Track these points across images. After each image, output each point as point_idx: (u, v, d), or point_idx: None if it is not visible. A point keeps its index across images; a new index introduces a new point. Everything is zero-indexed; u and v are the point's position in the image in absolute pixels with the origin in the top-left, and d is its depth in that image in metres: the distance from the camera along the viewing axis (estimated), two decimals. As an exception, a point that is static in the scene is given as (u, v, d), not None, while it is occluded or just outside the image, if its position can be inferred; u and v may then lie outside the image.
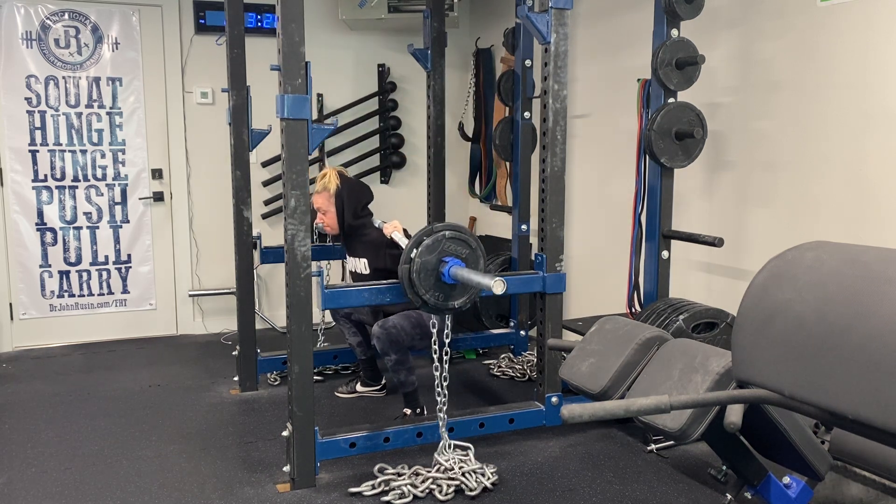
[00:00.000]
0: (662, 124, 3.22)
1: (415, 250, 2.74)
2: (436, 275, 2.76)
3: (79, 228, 4.92)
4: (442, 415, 2.91)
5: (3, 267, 4.78)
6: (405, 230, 3.27)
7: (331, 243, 4.34)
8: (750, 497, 1.96)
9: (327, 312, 4.48)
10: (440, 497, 2.72)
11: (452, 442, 2.93)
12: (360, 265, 3.58)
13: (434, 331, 2.97)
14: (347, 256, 3.68)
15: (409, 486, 2.75)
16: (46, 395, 3.94)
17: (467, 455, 2.89)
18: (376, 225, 3.46)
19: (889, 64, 2.73)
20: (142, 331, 5.12)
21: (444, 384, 2.93)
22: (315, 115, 5.20)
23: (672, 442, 3.08)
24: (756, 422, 1.75)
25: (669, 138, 3.24)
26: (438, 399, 2.92)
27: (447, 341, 2.94)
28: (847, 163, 2.91)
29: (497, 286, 2.53)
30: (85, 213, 4.93)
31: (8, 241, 4.79)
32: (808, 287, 1.28)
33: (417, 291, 2.76)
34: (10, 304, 4.82)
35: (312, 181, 5.27)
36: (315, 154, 5.26)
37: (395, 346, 3.31)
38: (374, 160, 5.53)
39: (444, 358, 2.94)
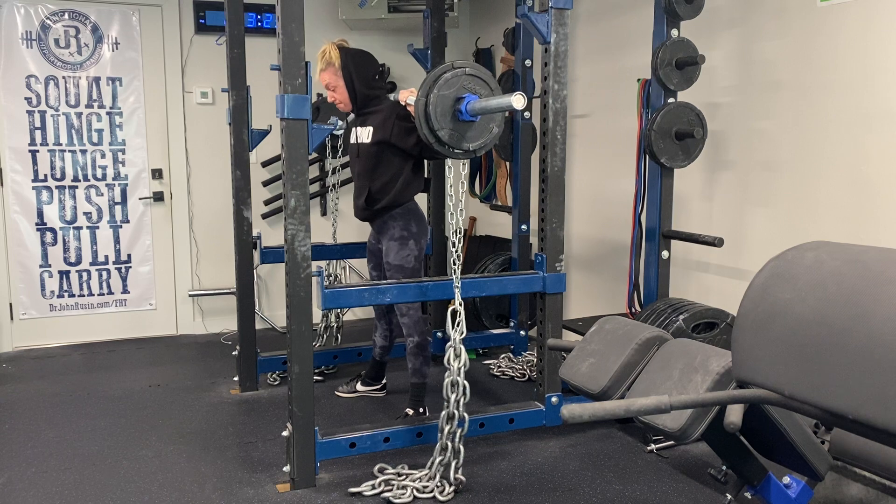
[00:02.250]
0: (662, 124, 3.22)
1: (434, 84, 2.63)
2: (453, 111, 2.68)
3: (79, 228, 4.92)
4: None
5: (3, 267, 4.78)
6: None
7: (331, 243, 4.33)
8: (750, 497, 1.96)
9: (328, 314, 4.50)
10: (440, 497, 2.72)
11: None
12: (364, 133, 3.35)
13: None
14: (354, 128, 3.48)
15: (409, 486, 2.75)
16: (46, 395, 3.94)
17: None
18: (392, 98, 3.33)
19: (889, 64, 2.73)
20: (142, 331, 5.12)
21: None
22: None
23: (672, 442, 3.08)
24: (756, 422, 1.75)
25: (669, 138, 3.24)
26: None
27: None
28: (847, 163, 2.91)
29: (517, 101, 2.43)
30: (85, 213, 4.93)
31: (8, 241, 4.79)
32: (809, 287, 1.28)
33: (433, 127, 2.66)
34: (10, 304, 4.82)
35: (313, 181, 5.27)
36: (315, 154, 5.26)
37: (418, 326, 3.36)
38: (374, 160, 5.53)
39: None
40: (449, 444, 2.79)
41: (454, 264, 2.88)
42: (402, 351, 3.55)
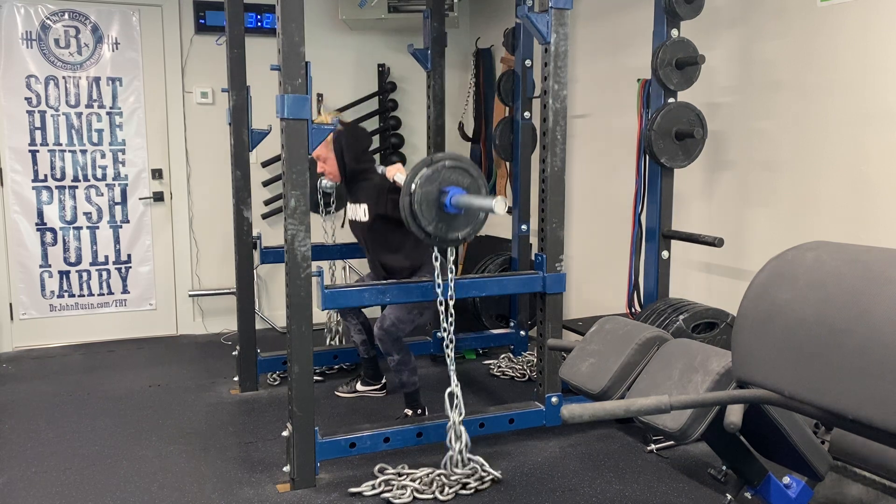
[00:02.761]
0: (662, 124, 3.22)
1: (415, 181, 2.67)
2: (438, 205, 2.69)
3: (79, 228, 4.92)
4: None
5: (3, 267, 4.78)
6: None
7: (332, 241, 4.34)
8: (750, 497, 1.96)
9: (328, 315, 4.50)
10: (441, 497, 2.72)
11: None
12: (360, 211, 3.45)
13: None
14: (349, 203, 3.56)
15: (409, 486, 2.75)
16: (46, 395, 3.94)
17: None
18: (379, 171, 3.38)
19: (889, 64, 2.73)
20: (142, 331, 5.12)
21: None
22: (315, 116, 5.20)
23: (672, 442, 3.08)
24: (756, 422, 1.75)
25: (669, 138, 3.24)
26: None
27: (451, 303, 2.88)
28: (847, 163, 2.91)
29: (498, 206, 2.46)
30: (85, 213, 4.93)
31: (8, 241, 4.79)
32: (809, 287, 1.28)
33: (420, 223, 2.68)
34: (10, 304, 4.82)
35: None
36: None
37: (397, 345, 3.31)
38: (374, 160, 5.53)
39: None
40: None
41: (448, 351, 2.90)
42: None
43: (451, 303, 2.89)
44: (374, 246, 3.48)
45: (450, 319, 2.88)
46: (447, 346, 2.88)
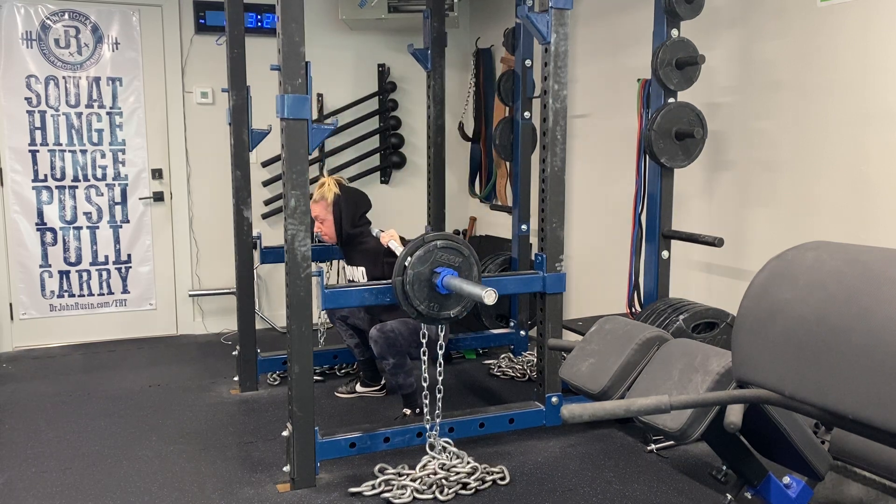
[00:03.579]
0: (662, 124, 3.22)
1: (408, 261, 2.74)
2: (429, 285, 2.76)
3: (79, 228, 4.92)
4: (437, 422, 2.92)
5: (3, 267, 4.78)
6: (402, 238, 3.28)
7: (332, 245, 4.34)
8: (750, 497, 1.96)
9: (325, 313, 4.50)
10: (441, 497, 2.72)
11: (444, 443, 2.93)
12: (358, 274, 3.59)
13: (424, 341, 2.97)
14: (346, 266, 3.70)
15: (409, 486, 2.75)
16: (46, 395, 3.94)
17: (461, 459, 2.89)
18: (374, 234, 3.47)
19: (889, 64, 2.73)
20: (142, 331, 5.12)
21: (440, 395, 2.93)
22: (315, 115, 5.20)
23: (672, 442, 3.08)
24: (756, 422, 1.75)
25: (669, 138, 3.24)
26: (432, 404, 2.93)
27: (441, 352, 2.93)
28: (847, 163, 2.91)
29: (488, 297, 2.52)
30: (85, 213, 4.93)
31: (8, 241, 4.79)
32: (809, 287, 1.28)
33: (412, 303, 2.75)
34: (10, 304, 4.82)
35: (312, 181, 5.28)
36: (315, 154, 5.26)
37: (393, 349, 3.30)
38: (374, 160, 5.53)
39: (439, 369, 2.93)
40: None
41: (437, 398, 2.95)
42: None
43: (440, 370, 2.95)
44: (374, 307, 3.54)
45: (437, 403, 2.95)
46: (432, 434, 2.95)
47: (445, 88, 4.47)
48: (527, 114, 4.32)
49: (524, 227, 4.37)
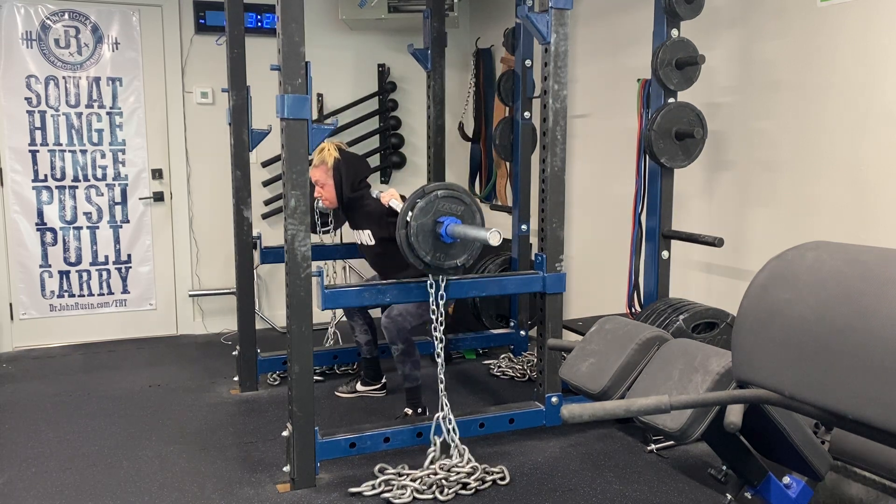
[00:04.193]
0: (662, 124, 3.22)
1: (410, 213, 2.74)
2: (434, 235, 2.76)
3: (79, 228, 4.92)
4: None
5: (3, 267, 4.78)
6: (402, 196, 3.27)
7: (331, 243, 4.34)
8: (750, 497, 1.96)
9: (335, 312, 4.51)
10: (441, 497, 2.72)
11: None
12: (365, 237, 3.58)
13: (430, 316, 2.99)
14: (351, 230, 3.68)
15: (409, 486, 2.75)
16: (46, 395, 3.94)
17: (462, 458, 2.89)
18: (374, 196, 3.47)
19: (889, 64, 2.73)
20: (142, 331, 5.12)
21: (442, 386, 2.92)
22: (315, 115, 5.20)
23: (672, 442, 3.08)
24: (756, 422, 1.75)
25: (669, 138, 3.24)
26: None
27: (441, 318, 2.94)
28: (847, 163, 2.91)
29: (493, 238, 2.52)
30: (85, 213, 4.93)
31: (8, 241, 4.79)
32: (809, 287, 1.28)
33: (417, 254, 2.75)
34: (10, 304, 4.82)
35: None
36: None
37: (402, 334, 3.35)
38: (374, 160, 5.53)
39: (441, 356, 2.93)
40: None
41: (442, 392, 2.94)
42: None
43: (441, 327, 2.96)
44: (383, 266, 3.60)
45: (441, 346, 2.95)
46: (439, 357, 2.95)
47: (445, 88, 4.47)
48: (527, 114, 4.32)
49: (524, 227, 4.37)
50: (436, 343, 2.94)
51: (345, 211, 3.65)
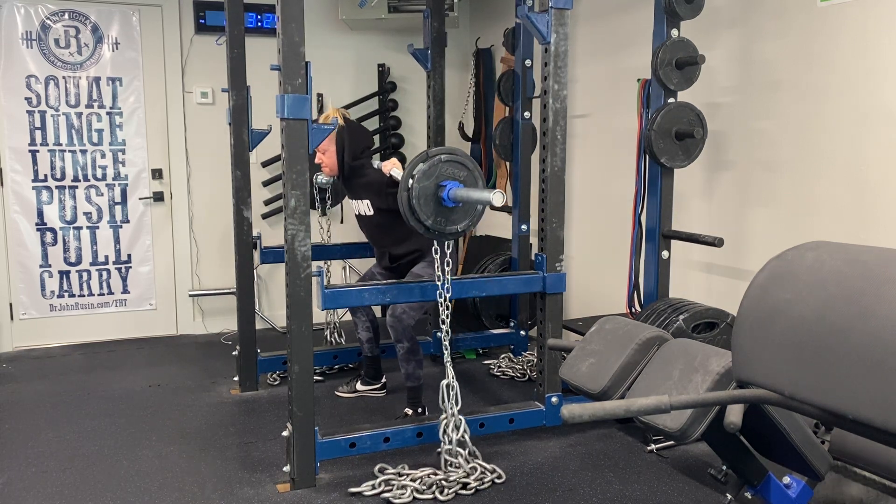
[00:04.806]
0: (662, 124, 3.22)
1: (413, 177, 2.71)
2: (436, 199, 2.74)
3: (79, 228, 4.92)
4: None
5: (3, 267, 4.78)
6: (404, 166, 3.26)
7: (329, 239, 4.34)
8: (750, 497, 1.96)
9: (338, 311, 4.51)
10: (441, 497, 2.72)
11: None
12: (364, 207, 3.55)
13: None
14: (350, 200, 3.65)
15: (409, 486, 2.75)
16: (46, 395, 3.94)
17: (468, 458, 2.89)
18: (375, 166, 3.45)
19: (889, 64, 2.73)
20: (142, 331, 5.12)
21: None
22: (315, 115, 5.20)
23: (672, 442, 3.08)
24: (756, 422, 1.75)
25: (669, 138, 3.24)
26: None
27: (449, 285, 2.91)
28: (847, 163, 2.91)
29: (496, 198, 2.51)
30: (85, 213, 4.93)
31: (8, 241, 4.79)
32: (809, 287, 1.28)
33: (419, 217, 2.72)
34: (10, 304, 4.82)
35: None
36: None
37: (407, 332, 3.36)
38: (374, 160, 5.53)
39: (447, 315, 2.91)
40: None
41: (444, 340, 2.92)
42: (395, 353, 3.56)
43: (449, 296, 2.92)
44: (380, 238, 3.58)
45: (447, 313, 2.90)
46: (445, 344, 2.92)
47: (445, 88, 4.47)
48: (527, 114, 4.32)
49: (524, 227, 4.37)
50: (441, 310, 2.89)
51: (345, 180, 3.59)
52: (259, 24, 5.10)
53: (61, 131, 4.83)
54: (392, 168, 3.26)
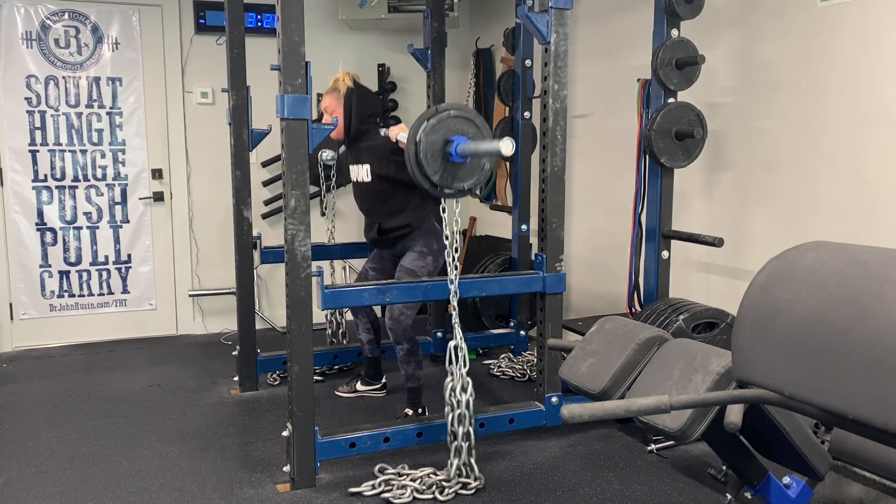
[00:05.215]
0: (662, 124, 3.22)
1: (421, 130, 2.66)
2: (443, 155, 2.69)
3: (79, 228, 4.92)
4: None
5: (3, 267, 4.78)
6: None
7: (330, 243, 4.34)
8: (750, 497, 1.96)
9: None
10: (441, 497, 2.72)
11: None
12: (363, 172, 3.48)
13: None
14: (351, 165, 3.58)
15: (409, 486, 2.75)
16: (46, 395, 3.94)
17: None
18: (382, 133, 3.41)
19: (889, 64, 2.73)
20: (142, 331, 5.12)
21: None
22: (315, 115, 5.20)
23: (672, 442, 3.08)
24: (756, 422, 1.75)
25: (669, 138, 3.24)
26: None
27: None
28: (847, 163, 2.91)
29: (505, 147, 2.46)
30: (85, 213, 4.93)
31: (8, 241, 4.79)
32: (809, 287, 1.28)
33: (425, 173, 2.68)
34: (10, 304, 4.82)
35: (313, 182, 5.27)
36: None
37: (406, 333, 3.35)
38: (374, 160, 5.53)
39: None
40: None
41: (452, 303, 2.88)
42: (395, 353, 3.56)
43: (458, 254, 2.88)
44: (373, 207, 3.50)
45: (456, 270, 2.87)
46: (453, 290, 2.86)
47: (445, 88, 4.46)
48: (527, 114, 4.32)
49: (524, 227, 4.37)
50: (449, 269, 2.85)
51: (349, 143, 3.53)
52: (259, 24, 5.10)
53: (61, 131, 4.83)
54: (399, 132, 3.20)
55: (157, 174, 5.05)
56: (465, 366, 2.81)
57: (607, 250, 4.28)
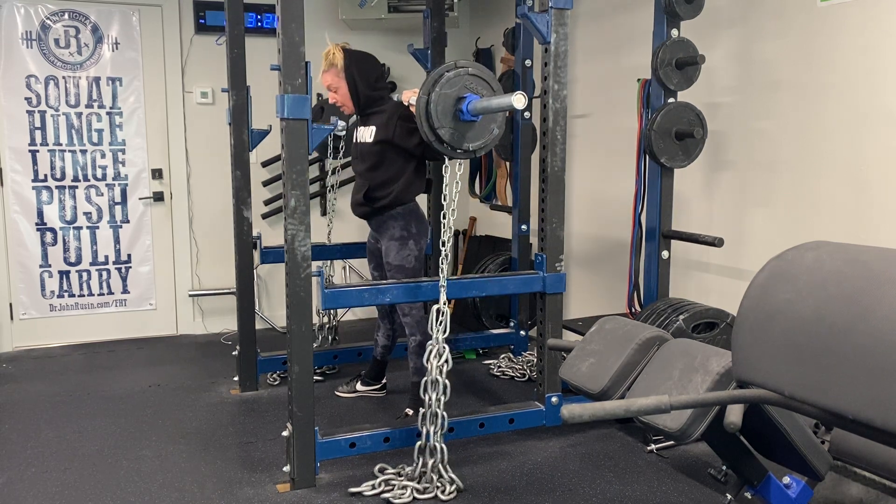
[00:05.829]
0: (662, 124, 3.22)
1: (437, 83, 2.62)
2: (454, 111, 2.67)
3: (79, 228, 4.92)
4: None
5: (3, 267, 4.78)
6: None
7: (330, 244, 4.33)
8: (750, 497, 1.96)
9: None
10: (441, 497, 2.72)
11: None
12: (367, 133, 3.37)
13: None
14: (358, 127, 3.50)
15: (409, 486, 2.75)
16: (46, 395, 3.94)
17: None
18: (395, 98, 3.35)
19: (889, 64, 2.73)
20: (142, 331, 5.12)
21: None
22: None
23: (672, 442, 3.08)
24: (756, 422, 1.75)
25: (669, 138, 3.24)
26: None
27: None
28: (847, 163, 2.91)
29: (517, 101, 2.43)
30: (85, 213, 4.93)
31: (8, 241, 4.79)
32: (809, 287, 1.28)
33: (433, 125, 2.65)
34: (10, 304, 4.82)
35: (313, 181, 5.27)
36: (315, 154, 5.26)
37: (421, 325, 3.35)
38: (374, 160, 5.53)
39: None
40: (437, 444, 2.79)
41: (442, 263, 2.83)
42: (403, 351, 3.56)
43: (453, 218, 2.82)
44: (367, 170, 3.38)
45: (449, 233, 2.81)
46: (442, 264, 2.82)
47: (445, 88, 4.46)
48: (527, 114, 4.32)
49: (524, 227, 4.37)
50: (444, 231, 2.80)
51: (361, 111, 3.43)
52: (259, 24, 5.10)
53: (61, 131, 4.83)
54: (412, 96, 3.12)
55: (157, 174, 5.05)
56: (446, 331, 2.77)
57: (607, 250, 4.28)
